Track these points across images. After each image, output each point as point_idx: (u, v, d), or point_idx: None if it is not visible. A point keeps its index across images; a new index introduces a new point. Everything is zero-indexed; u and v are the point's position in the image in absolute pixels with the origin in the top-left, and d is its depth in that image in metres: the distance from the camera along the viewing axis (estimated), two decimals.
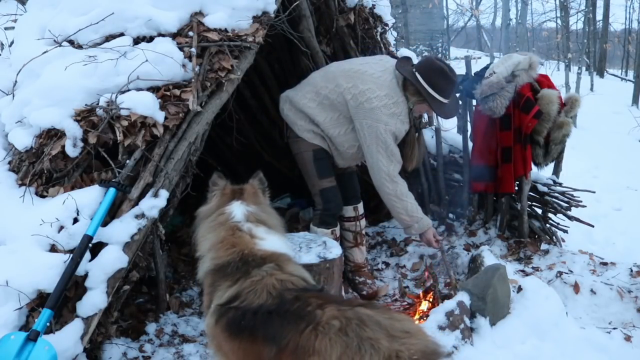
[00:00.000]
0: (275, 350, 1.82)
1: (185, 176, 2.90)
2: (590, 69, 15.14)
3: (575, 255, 3.66)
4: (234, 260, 2.17)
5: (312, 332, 1.78)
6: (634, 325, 3.03)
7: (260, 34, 2.91)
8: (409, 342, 1.72)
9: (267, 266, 2.12)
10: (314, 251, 2.83)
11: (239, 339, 1.94)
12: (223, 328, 2.00)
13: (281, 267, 2.14)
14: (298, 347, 1.78)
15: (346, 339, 1.73)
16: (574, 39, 15.98)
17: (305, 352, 1.76)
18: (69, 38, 2.85)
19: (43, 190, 2.62)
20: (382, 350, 1.68)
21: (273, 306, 1.93)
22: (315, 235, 3.14)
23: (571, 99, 3.67)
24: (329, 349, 1.72)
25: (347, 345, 1.72)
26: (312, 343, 1.76)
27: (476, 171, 3.89)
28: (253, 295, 1.99)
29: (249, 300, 1.99)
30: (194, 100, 2.66)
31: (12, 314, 2.25)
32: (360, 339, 1.72)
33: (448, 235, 4.06)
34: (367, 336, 1.72)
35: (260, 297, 1.98)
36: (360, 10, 3.60)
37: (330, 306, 1.84)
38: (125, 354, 2.73)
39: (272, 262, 2.15)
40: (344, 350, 1.71)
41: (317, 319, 1.80)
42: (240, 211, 2.34)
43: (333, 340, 1.73)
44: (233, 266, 2.16)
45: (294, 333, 1.80)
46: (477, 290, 2.75)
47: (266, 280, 2.05)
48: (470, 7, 16.27)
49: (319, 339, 1.75)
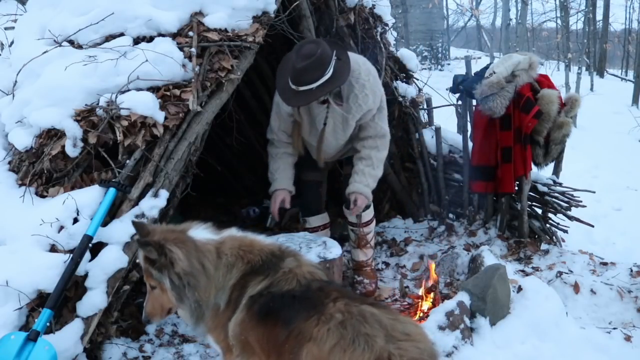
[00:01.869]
0: (286, 334, 1.88)
1: (185, 176, 2.90)
2: (590, 69, 15.12)
3: (575, 255, 3.66)
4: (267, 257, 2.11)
5: (315, 320, 1.84)
6: (634, 325, 3.03)
7: (260, 34, 2.91)
8: (404, 346, 1.76)
9: (288, 259, 2.14)
10: (314, 251, 2.84)
11: (264, 323, 1.97)
12: (253, 315, 1.99)
13: (300, 260, 2.16)
14: (300, 333, 1.85)
15: (343, 332, 1.79)
16: (574, 39, 15.98)
17: (304, 338, 1.83)
18: (69, 38, 2.86)
19: (43, 190, 2.62)
20: (376, 348, 1.74)
21: (298, 292, 1.98)
22: (315, 236, 3.14)
23: (571, 99, 3.67)
24: (325, 338, 1.79)
25: (342, 337, 1.78)
26: (311, 330, 1.83)
27: (476, 171, 3.89)
28: (284, 282, 2.03)
29: (280, 286, 2.02)
30: (194, 100, 2.66)
31: (12, 314, 2.25)
32: (356, 333, 1.78)
33: (448, 235, 4.06)
34: (364, 332, 1.78)
35: (290, 283, 2.02)
36: (360, 10, 3.60)
37: (341, 300, 1.90)
38: (125, 354, 2.73)
39: (291, 257, 2.16)
40: (338, 341, 1.78)
41: (324, 310, 1.86)
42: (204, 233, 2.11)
43: (331, 330, 1.80)
44: (267, 262, 2.09)
45: (302, 320, 1.87)
46: (477, 290, 2.75)
47: (296, 270, 2.08)
48: (470, 7, 16.27)
49: (317, 327, 1.82)
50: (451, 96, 4.13)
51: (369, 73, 2.94)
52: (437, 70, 13.65)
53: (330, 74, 2.67)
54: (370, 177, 3.04)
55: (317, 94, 2.70)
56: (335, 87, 2.76)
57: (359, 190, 3.03)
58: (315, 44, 2.72)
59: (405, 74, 4.03)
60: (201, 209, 4.77)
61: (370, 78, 2.92)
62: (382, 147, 3.09)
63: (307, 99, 2.74)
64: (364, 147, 3.07)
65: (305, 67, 2.63)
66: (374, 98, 2.97)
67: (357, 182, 3.04)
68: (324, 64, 2.64)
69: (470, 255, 3.54)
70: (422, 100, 4.05)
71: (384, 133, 3.09)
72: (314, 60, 2.62)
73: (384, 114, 3.10)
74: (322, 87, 2.68)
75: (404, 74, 4.02)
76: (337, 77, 2.71)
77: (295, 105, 2.82)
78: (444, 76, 10.33)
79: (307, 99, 2.74)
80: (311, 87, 2.66)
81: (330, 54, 2.69)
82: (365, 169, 3.04)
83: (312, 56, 2.62)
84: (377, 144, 3.04)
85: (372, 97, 2.93)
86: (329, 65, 2.66)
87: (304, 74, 2.64)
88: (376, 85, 3.01)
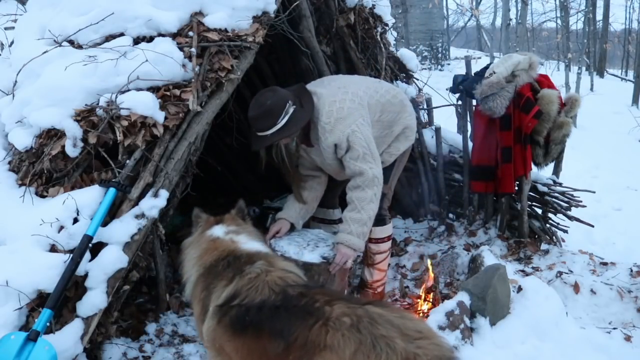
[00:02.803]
0: (283, 345, 1.83)
1: (185, 176, 2.91)
2: (590, 69, 15.12)
3: (575, 255, 3.66)
4: (221, 258, 2.25)
5: (322, 327, 1.78)
6: (634, 325, 3.03)
7: (260, 34, 2.91)
8: (423, 344, 1.71)
9: (258, 263, 2.16)
10: (319, 251, 2.80)
11: (242, 336, 1.95)
12: (226, 327, 2.00)
13: (272, 263, 2.16)
14: (307, 342, 1.78)
15: (359, 336, 1.72)
16: (574, 39, 15.99)
17: (316, 347, 1.76)
18: (69, 38, 2.85)
19: (43, 190, 2.62)
20: (399, 350, 1.68)
21: (279, 301, 1.94)
22: (330, 235, 3.05)
23: (571, 99, 3.67)
24: (342, 345, 1.72)
25: (361, 342, 1.71)
26: (322, 338, 1.76)
27: (476, 171, 3.89)
28: (254, 292, 2.01)
29: (250, 296, 2.00)
30: (194, 100, 2.66)
31: (12, 314, 2.25)
32: (374, 336, 1.72)
33: (448, 235, 4.06)
34: (381, 334, 1.72)
35: (262, 293, 2.00)
36: (360, 10, 3.60)
37: (339, 303, 1.85)
38: (125, 354, 2.73)
39: (261, 260, 2.18)
40: (358, 346, 1.71)
41: (326, 315, 1.81)
42: (220, 230, 2.47)
43: (346, 336, 1.73)
44: (223, 264, 2.22)
45: (303, 328, 1.80)
46: (477, 290, 2.75)
47: (264, 277, 2.06)
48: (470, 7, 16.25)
49: (330, 334, 1.75)
50: (451, 96, 4.13)
51: (331, 115, 2.79)
52: (437, 70, 13.65)
53: (284, 123, 2.71)
54: (353, 222, 2.78)
55: (273, 139, 2.76)
56: (289, 135, 2.78)
57: (340, 240, 2.79)
58: (272, 92, 2.78)
59: (405, 74, 4.03)
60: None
61: (331, 120, 2.78)
62: (366, 184, 2.81)
63: (263, 143, 2.79)
64: (348, 188, 2.88)
65: (256, 116, 2.72)
66: (335, 139, 2.79)
67: (340, 231, 2.84)
68: (274, 115, 2.70)
69: (470, 255, 3.55)
70: (422, 100, 4.05)
71: (360, 171, 2.81)
72: (264, 110, 2.69)
73: (355, 153, 2.80)
74: (275, 134, 2.73)
75: (404, 74, 4.02)
76: (291, 125, 2.73)
77: (256, 148, 2.85)
78: (444, 76, 10.35)
79: (263, 143, 2.79)
80: (266, 134, 2.73)
81: (284, 104, 2.71)
82: (348, 214, 2.83)
83: (262, 106, 2.70)
84: (359, 183, 2.82)
85: (332, 139, 2.79)
86: (281, 114, 2.70)
87: (256, 122, 2.73)
88: (338, 126, 2.78)
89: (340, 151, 2.85)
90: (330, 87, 2.94)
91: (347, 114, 2.80)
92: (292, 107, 2.74)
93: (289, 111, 2.73)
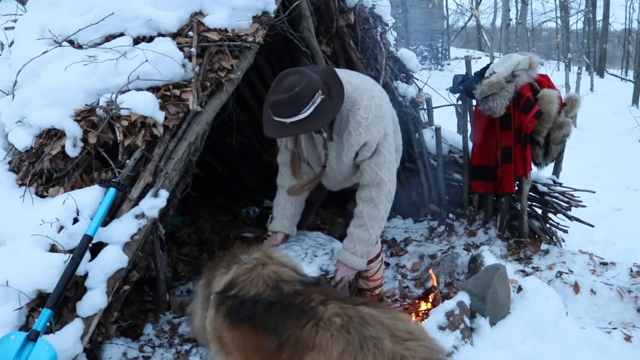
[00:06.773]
0: (277, 343, 1.84)
1: (185, 176, 2.91)
2: (590, 69, 15.13)
3: (575, 255, 3.66)
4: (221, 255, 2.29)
5: (312, 327, 1.80)
6: (634, 325, 3.03)
7: (260, 34, 2.91)
8: (412, 346, 1.72)
9: (255, 254, 2.18)
10: (318, 261, 2.73)
11: (239, 328, 1.97)
12: (223, 316, 2.01)
13: (269, 255, 2.17)
14: (298, 342, 1.80)
15: (347, 336, 1.74)
16: (574, 39, 15.98)
17: (306, 347, 1.78)
18: (69, 38, 2.85)
19: (43, 190, 2.62)
20: (386, 351, 1.69)
21: (274, 297, 1.95)
22: (328, 238, 2.95)
23: (571, 99, 3.67)
24: (330, 345, 1.74)
25: (349, 342, 1.73)
26: (312, 338, 1.78)
27: (476, 171, 3.89)
28: (250, 283, 2.03)
29: (246, 288, 2.01)
30: (194, 100, 2.66)
31: (12, 314, 2.25)
32: (362, 337, 1.73)
33: (448, 235, 4.06)
34: (370, 335, 1.73)
35: (256, 285, 2.01)
36: (360, 10, 3.60)
37: (333, 303, 1.86)
38: (125, 354, 2.73)
39: (259, 252, 2.20)
40: (346, 347, 1.72)
41: (318, 315, 1.82)
42: None
43: (335, 336, 1.75)
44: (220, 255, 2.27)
45: (295, 328, 1.82)
46: (477, 290, 2.75)
47: (260, 269, 2.08)
48: (470, 7, 16.26)
49: (319, 334, 1.77)
50: (451, 96, 4.13)
51: (370, 110, 2.50)
52: (437, 70, 13.64)
53: (309, 113, 2.31)
54: (360, 242, 2.60)
55: (291, 130, 2.37)
56: (310, 129, 2.44)
57: (343, 260, 2.62)
58: (299, 75, 2.35)
59: (405, 74, 4.03)
60: (201, 209, 4.78)
61: (370, 116, 2.49)
62: (380, 200, 2.59)
63: (278, 132, 2.41)
64: (360, 199, 2.64)
65: (280, 101, 2.31)
66: (369, 138, 2.52)
67: (344, 248, 2.65)
68: (301, 102, 2.29)
69: (470, 255, 3.55)
70: (422, 100, 4.05)
71: (379, 181, 2.58)
72: (290, 97, 2.28)
73: (381, 159, 2.58)
74: (295, 124, 2.33)
75: (404, 74, 4.02)
76: (316, 117, 2.34)
77: (267, 135, 2.45)
78: (444, 76, 10.33)
79: (278, 132, 2.41)
80: (284, 121, 2.34)
81: (314, 91, 2.32)
82: (355, 231, 2.62)
83: (290, 91, 2.29)
84: (373, 196, 2.58)
85: (366, 137, 2.51)
86: (308, 103, 2.30)
87: (278, 107, 2.33)
88: (375, 125, 2.51)
89: (365, 153, 2.57)
90: (363, 79, 2.65)
91: (384, 114, 2.55)
92: (320, 97, 2.34)
93: (317, 101, 2.32)
